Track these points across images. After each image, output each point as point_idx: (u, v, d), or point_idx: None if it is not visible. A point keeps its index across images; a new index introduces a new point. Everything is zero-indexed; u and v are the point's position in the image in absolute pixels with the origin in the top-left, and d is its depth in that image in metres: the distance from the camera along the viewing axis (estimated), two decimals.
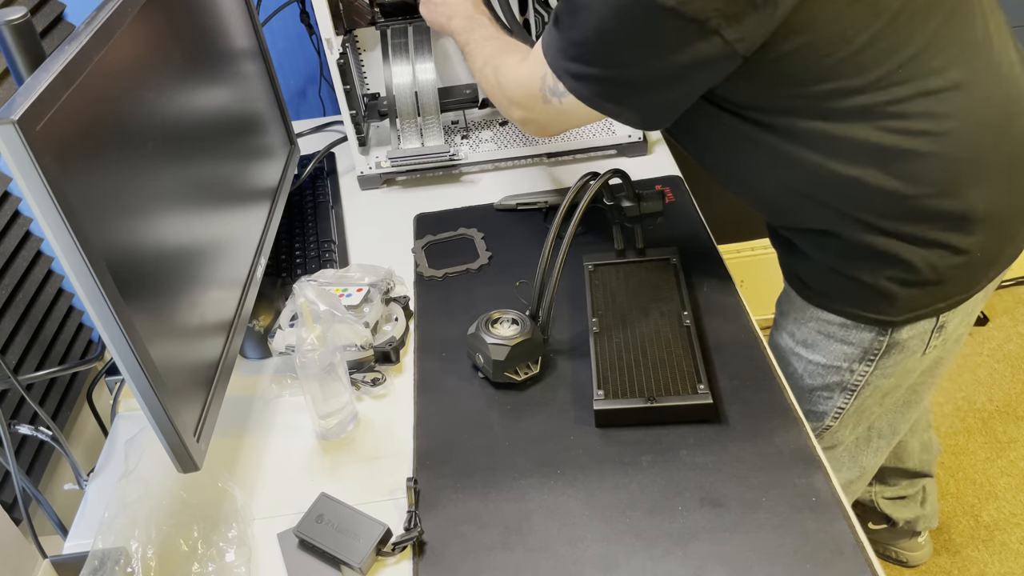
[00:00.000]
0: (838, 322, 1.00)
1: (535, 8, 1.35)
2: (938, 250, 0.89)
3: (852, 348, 1.01)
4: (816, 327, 1.03)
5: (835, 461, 1.19)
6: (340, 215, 1.35)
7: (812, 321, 1.03)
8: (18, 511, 0.97)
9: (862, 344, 1.00)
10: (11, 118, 0.60)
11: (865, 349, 1.00)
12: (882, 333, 0.98)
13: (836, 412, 1.09)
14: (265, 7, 1.53)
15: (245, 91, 1.16)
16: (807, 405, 1.11)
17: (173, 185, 0.87)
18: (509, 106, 0.99)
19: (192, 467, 0.81)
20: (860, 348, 1.00)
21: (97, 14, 0.78)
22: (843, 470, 1.22)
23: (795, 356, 1.08)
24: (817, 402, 1.09)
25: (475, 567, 0.80)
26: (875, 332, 0.98)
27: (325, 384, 0.93)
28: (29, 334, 1.12)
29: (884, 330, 0.98)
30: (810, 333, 1.04)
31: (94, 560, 0.82)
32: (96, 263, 0.68)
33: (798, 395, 1.08)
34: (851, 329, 0.99)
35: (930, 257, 0.90)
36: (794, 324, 1.06)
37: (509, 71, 0.98)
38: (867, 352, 1.00)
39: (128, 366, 0.73)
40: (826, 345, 1.03)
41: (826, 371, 1.05)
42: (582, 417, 0.93)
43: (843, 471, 1.22)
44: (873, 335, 0.98)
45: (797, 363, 1.08)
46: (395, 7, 1.33)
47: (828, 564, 0.75)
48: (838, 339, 1.01)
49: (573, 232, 0.96)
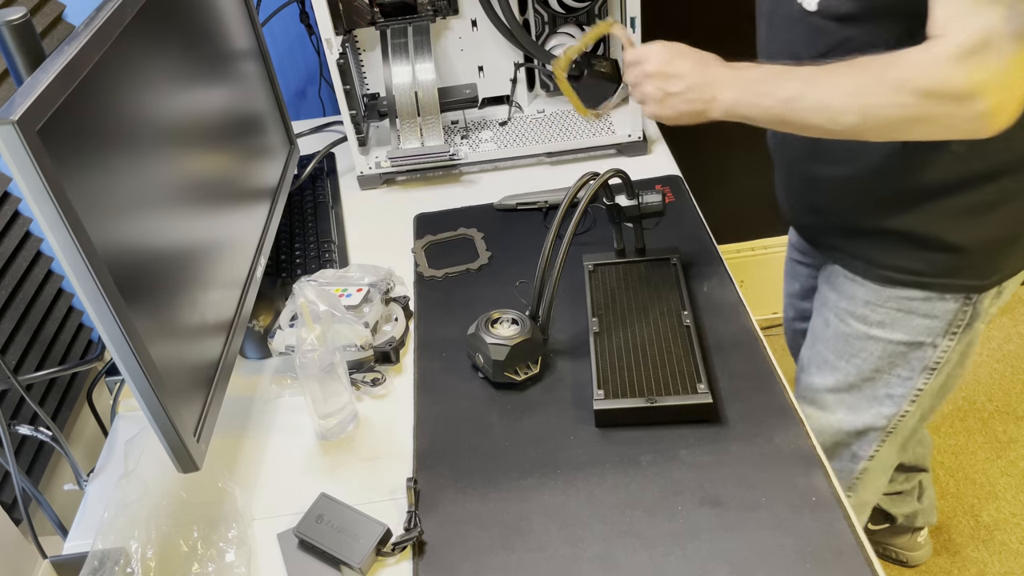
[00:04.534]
0: (920, 296, 0.98)
1: (535, 8, 1.35)
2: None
3: (936, 321, 0.99)
4: (895, 305, 1.01)
5: (889, 448, 1.16)
6: (340, 215, 1.35)
7: (890, 300, 1.01)
8: (18, 511, 0.97)
9: (947, 316, 0.98)
10: (11, 118, 0.60)
11: (950, 321, 0.99)
12: (967, 302, 0.97)
13: (915, 395, 1.07)
14: (265, 7, 1.53)
15: (245, 91, 1.16)
16: (884, 389, 1.08)
17: (173, 185, 0.87)
18: (961, 105, 0.75)
19: (192, 467, 0.81)
20: (944, 321, 0.99)
21: (97, 14, 0.78)
22: (892, 457, 1.19)
23: (870, 340, 1.05)
24: (895, 384, 1.07)
25: (475, 567, 0.80)
26: (960, 302, 0.97)
27: (325, 384, 0.93)
28: (29, 334, 1.12)
29: (969, 298, 0.97)
30: (888, 312, 1.02)
31: (94, 560, 0.81)
32: (96, 263, 0.68)
33: (871, 382, 1.07)
34: (935, 302, 0.98)
35: None
36: (866, 307, 1.04)
37: (923, 71, 0.75)
38: (951, 324, 0.99)
39: (128, 366, 0.73)
40: (907, 321, 1.01)
41: (908, 349, 1.03)
42: (582, 417, 0.93)
43: (892, 458, 1.19)
44: (958, 305, 0.97)
45: (872, 346, 1.05)
46: (395, 7, 1.33)
47: (828, 564, 0.75)
48: (921, 314, 0.99)
49: (573, 232, 0.96)
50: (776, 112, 0.85)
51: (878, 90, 0.78)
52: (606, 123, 1.40)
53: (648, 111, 0.95)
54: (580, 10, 1.36)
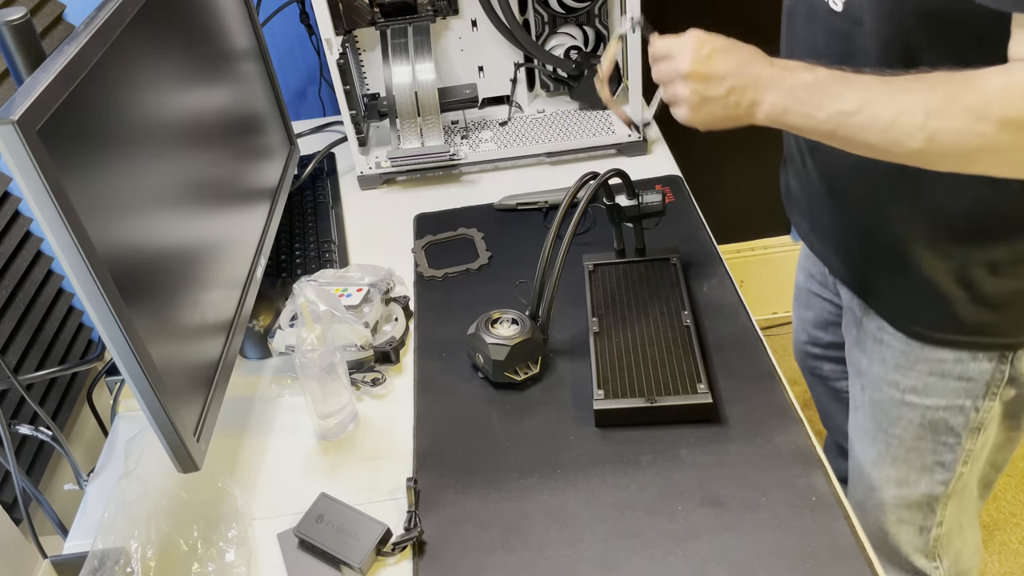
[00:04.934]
0: (952, 358, 0.92)
1: (535, 8, 1.35)
2: None
3: (973, 383, 0.92)
4: (926, 368, 0.94)
5: (957, 509, 1.06)
6: (340, 215, 1.35)
7: (920, 363, 0.94)
8: (18, 511, 0.97)
9: (983, 377, 0.92)
10: (11, 118, 0.60)
11: (987, 382, 0.92)
12: (1003, 360, 0.90)
13: (967, 456, 0.99)
14: (265, 7, 1.53)
15: (245, 91, 1.16)
16: (932, 457, 1.00)
17: (173, 185, 0.87)
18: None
19: (192, 467, 0.81)
20: (981, 382, 0.92)
21: (97, 14, 0.78)
22: (969, 513, 1.09)
23: (907, 407, 0.98)
24: (943, 451, 0.99)
25: (475, 567, 0.80)
26: (995, 361, 0.91)
27: (325, 384, 0.93)
28: (29, 334, 1.12)
29: (1005, 357, 0.90)
30: (920, 377, 0.95)
31: (94, 560, 0.81)
32: (96, 263, 0.68)
33: (916, 451, 1.00)
34: (968, 363, 0.91)
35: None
36: (897, 372, 0.97)
37: (1006, 97, 0.67)
38: (990, 385, 0.92)
39: (128, 366, 0.73)
40: (941, 385, 0.94)
41: (948, 413, 0.95)
42: (582, 417, 0.93)
43: (968, 514, 1.09)
44: (993, 365, 0.91)
45: (911, 413, 0.98)
46: (395, 7, 1.34)
47: (828, 564, 0.75)
48: (955, 376, 0.92)
49: (573, 232, 0.96)
50: (828, 127, 0.75)
51: (951, 113, 0.68)
52: (606, 123, 1.40)
53: (679, 115, 0.84)
54: (580, 10, 1.36)
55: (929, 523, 1.07)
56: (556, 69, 1.41)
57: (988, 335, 0.90)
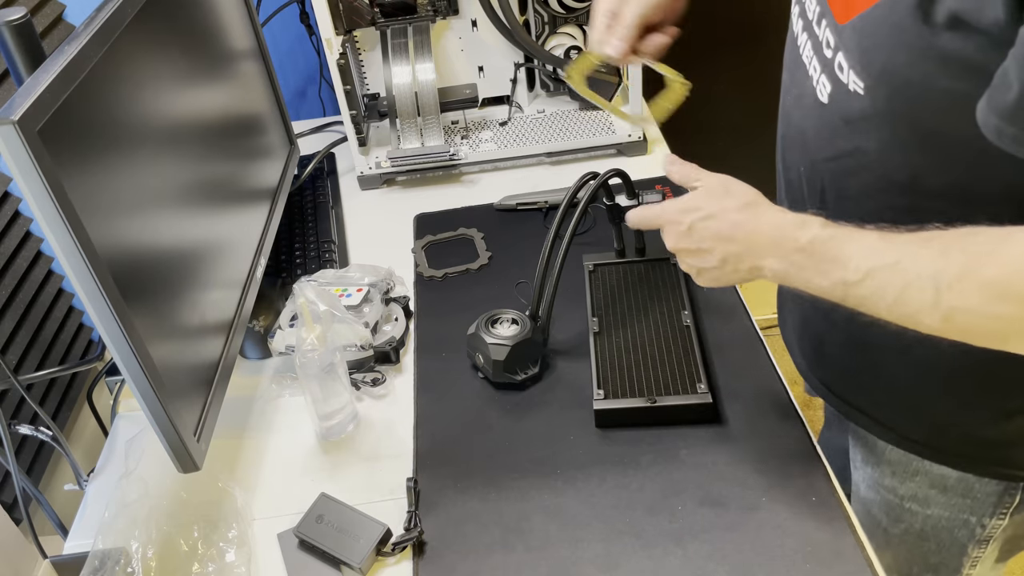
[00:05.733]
0: (955, 476, 0.84)
1: (535, 8, 1.35)
2: None
3: (978, 502, 0.85)
4: (926, 481, 0.86)
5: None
6: (340, 215, 1.35)
7: (919, 475, 0.86)
8: (18, 511, 0.97)
9: (989, 499, 0.84)
10: (11, 118, 0.60)
11: (995, 503, 0.84)
12: (1012, 486, 0.83)
13: (974, 562, 0.91)
14: (265, 7, 1.53)
15: (245, 91, 1.16)
16: (937, 558, 0.92)
17: (173, 185, 0.87)
18: None
19: (192, 467, 0.81)
20: (988, 503, 0.84)
21: (97, 14, 0.78)
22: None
23: (906, 512, 0.91)
24: (949, 556, 0.91)
25: (475, 567, 0.80)
26: (1004, 486, 0.83)
27: (325, 384, 0.93)
28: (29, 334, 1.12)
29: (1015, 484, 0.82)
30: (920, 487, 0.87)
31: (94, 560, 0.81)
32: (96, 263, 0.68)
33: (921, 550, 0.93)
34: (972, 483, 0.83)
35: None
36: (894, 479, 0.89)
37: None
38: (997, 506, 0.84)
39: (128, 366, 0.73)
40: (945, 499, 0.86)
41: (952, 524, 0.88)
42: (582, 417, 0.93)
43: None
44: (1003, 488, 0.83)
45: (911, 519, 0.91)
46: (395, 7, 1.33)
47: (828, 564, 0.75)
48: (958, 493, 0.85)
49: (573, 232, 0.96)
50: (835, 294, 0.66)
51: (967, 290, 0.57)
52: (606, 123, 1.40)
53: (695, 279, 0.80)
54: (580, 10, 1.36)
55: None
56: (556, 69, 1.41)
57: (996, 464, 0.82)
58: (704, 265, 0.76)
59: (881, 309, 0.63)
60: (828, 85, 0.72)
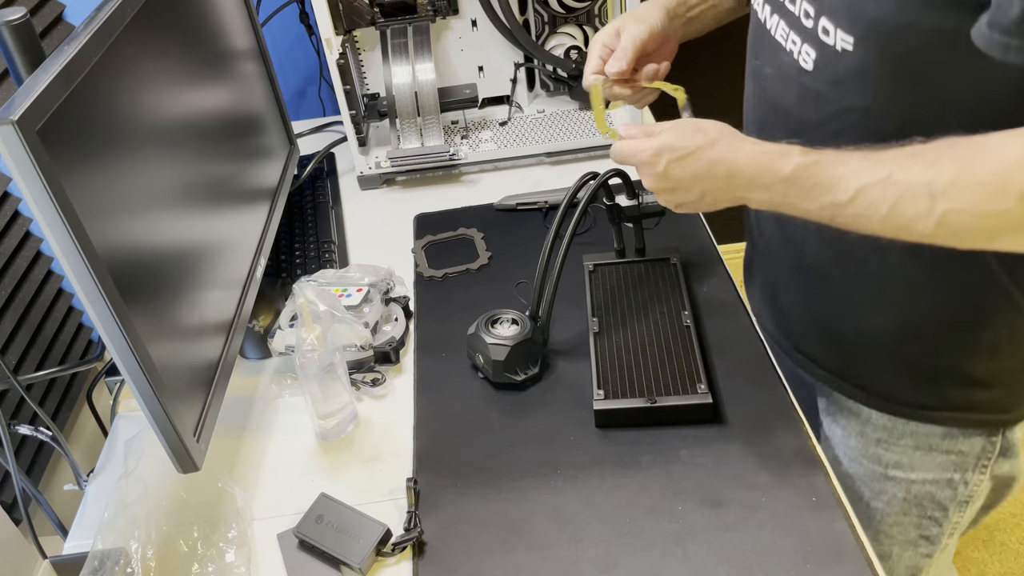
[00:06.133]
0: (940, 432, 0.87)
1: (535, 8, 1.35)
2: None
3: (961, 457, 0.88)
4: (911, 443, 0.89)
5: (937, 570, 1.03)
6: (340, 215, 1.35)
7: (905, 438, 0.90)
8: (18, 511, 0.97)
9: (973, 451, 0.87)
10: (11, 118, 0.60)
11: (977, 456, 0.88)
12: (994, 434, 0.86)
13: (952, 529, 0.96)
14: (265, 7, 1.53)
15: (245, 91, 1.16)
16: (917, 531, 0.96)
17: (173, 185, 0.87)
18: None
19: (192, 467, 0.81)
20: (971, 456, 0.88)
21: (97, 14, 0.78)
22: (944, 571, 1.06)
23: (889, 480, 0.93)
24: (929, 525, 0.95)
25: (475, 567, 0.79)
26: (984, 436, 0.86)
27: (325, 384, 0.93)
28: (29, 334, 1.12)
29: (995, 431, 0.86)
30: (904, 452, 0.90)
31: (94, 560, 0.81)
32: (96, 263, 0.68)
33: (902, 525, 0.96)
34: (957, 438, 0.87)
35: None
36: (879, 447, 0.92)
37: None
38: (979, 459, 0.88)
39: (128, 366, 0.73)
40: (928, 459, 0.89)
41: (935, 487, 0.91)
42: (582, 417, 0.93)
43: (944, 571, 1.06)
44: (983, 439, 0.87)
45: (894, 488, 0.93)
46: (395, 7, 1.33)
47: (828, 564, 0.75)
48: (942, 450, 0.88)
49: (573, 232, 0.96)
50: (823, 216, 0.69)
51: (961, 193, 0.61)
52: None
53: (669, 206, 0.82)
54: (580, 10, 1.36)
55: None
56: (556, 69, 1.41)
57: (979, 411, 0.86)
58: (683, 200, 0.78)
59: (874, 223, 0.66)
60: (812, 52, 0.75)
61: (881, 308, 0.84)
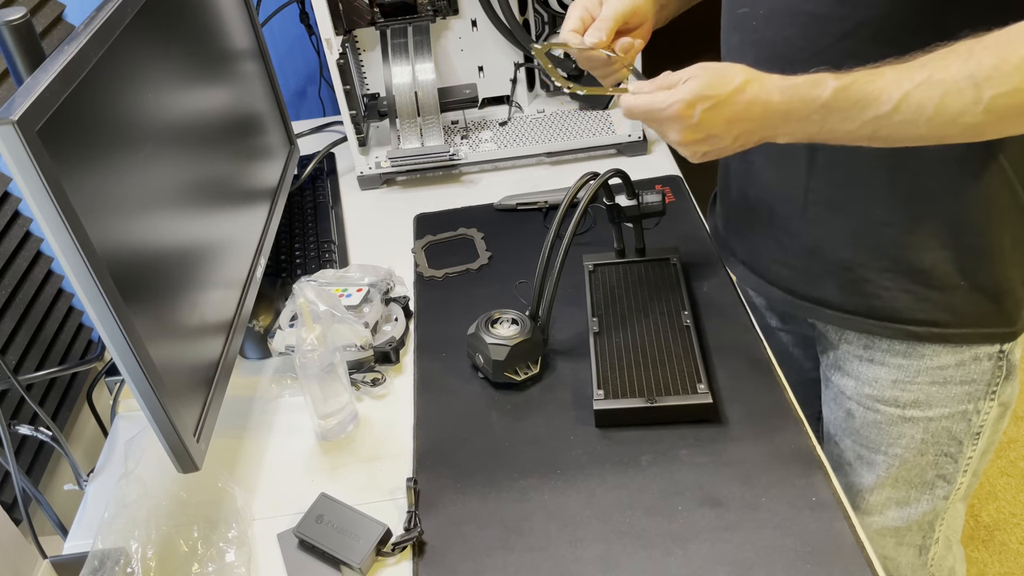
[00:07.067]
0: (953, 362, 0.90)
1: (535, 8, 1.35)
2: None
3: (975, 385, 0.92)
4: (928, 378, 0.92)
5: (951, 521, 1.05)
6: (340, 215, 1.35)
7: (920, 375, 0.92)
8: (18, 511, 0.97)
9: (984, 378, 0.91)
10: (11, 118, 0.60)
11: (988, 382, 0.92)
12: (1000, 357, 0.91)
13: (966, 465, 0.98)
14: (265, 7, 1.53)
15: (245, 91, 1.16)
16: (933, 471, 0.98)
17: (173, 185, 0.87)
18: None
19: (192, 467, 0.81)
20: (983, 383, 0.92)
21: (97, 14, 0.78)
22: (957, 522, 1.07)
23: (908, 422, 0.95)
24: (945, 463, 0.97)
25: (475, 567, 0.80)
26: (993, 360, 0.90)
27: (325, 384, 0.93)
28: (29, 334, 1.12)
29: (1002, 352, 0.90)
30: (921, 389, 0.93)
31: (94, 560, 0.81)
32: (96, 263, 0.68)
33: (918, 468, 0.98)
34: (969, 364, 0.90)
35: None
36: (895, 388, 0.94)
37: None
38: (990, 385, 0.92)
39: (128, 366, 0.73)
40: (944, 392, 0.92)
41: (951, 421, 0.94)
42: (582, 417, 0.93)
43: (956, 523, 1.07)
44: (992, 363, 0.91)
45: (912, 429, 0.95)
46: (395, 7, 1.34)
47: (828, 564, 0.75)
48: (957, 381, 0.91)
49: (573, 232, 0.96)
50: (864, 133, 0.70)
51: (1005, 75, 0.64)
52: (606, 123, 1.40)
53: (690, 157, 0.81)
54: None
55: (928, 542, 1.05)
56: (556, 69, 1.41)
57: (987, 325, 0.89)
58: (713, 147, 0.77)
59: (920, 127, 0.68)
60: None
61: (888, 211, 0.85)
